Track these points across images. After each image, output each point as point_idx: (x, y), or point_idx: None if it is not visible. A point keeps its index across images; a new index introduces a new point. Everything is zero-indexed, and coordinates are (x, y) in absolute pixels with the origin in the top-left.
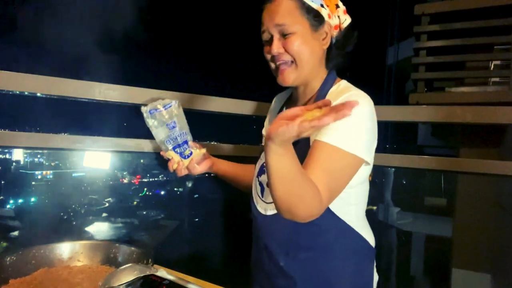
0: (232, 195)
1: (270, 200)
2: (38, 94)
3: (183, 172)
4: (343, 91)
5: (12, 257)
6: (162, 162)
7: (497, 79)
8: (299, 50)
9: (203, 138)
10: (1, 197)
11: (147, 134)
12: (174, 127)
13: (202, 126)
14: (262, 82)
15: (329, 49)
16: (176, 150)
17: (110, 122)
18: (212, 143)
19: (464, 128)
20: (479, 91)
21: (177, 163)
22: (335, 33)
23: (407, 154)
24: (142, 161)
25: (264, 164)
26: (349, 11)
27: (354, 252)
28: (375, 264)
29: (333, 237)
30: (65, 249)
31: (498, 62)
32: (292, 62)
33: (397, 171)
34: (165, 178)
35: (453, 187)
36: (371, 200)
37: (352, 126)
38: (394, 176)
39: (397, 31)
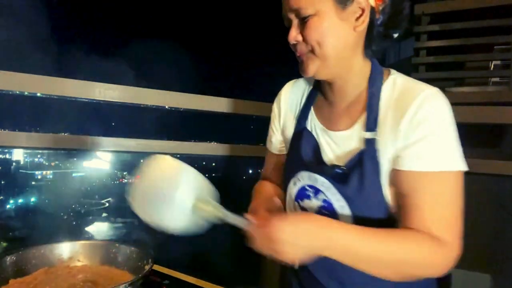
0: (233, 195)
1: None
2: (38, 94)
3: None
4: (409, 92)
5: (12, 257)
6: None
7: (497, 79)
8: (319, 36)
9: (203, 138)
10: (1, 197)
11: (147, 134)
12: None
13: (202, 126)
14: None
15: (369, 30)
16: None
17: (110, 122)
18: (212, 143)
19: (464, 128)
20: (479, 91)
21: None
22: (380, 6)
23: None
24: (142, 161)
25: (307, 187)
26: None
27: None
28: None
29: None
30: (65, 249)
31: (498, 62)
32: (311, 51)
33: None
34: None
35: None
36: None
37: (444, 138)
38: None
39: None
